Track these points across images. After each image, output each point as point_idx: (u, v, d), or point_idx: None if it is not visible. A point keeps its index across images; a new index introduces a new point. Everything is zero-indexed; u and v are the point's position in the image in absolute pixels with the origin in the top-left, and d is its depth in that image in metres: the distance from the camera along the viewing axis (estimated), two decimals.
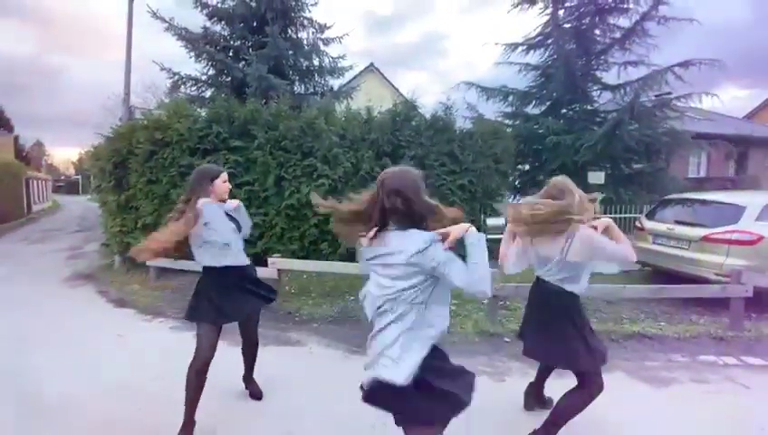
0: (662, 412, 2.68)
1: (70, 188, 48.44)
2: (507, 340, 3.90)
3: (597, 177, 8.13)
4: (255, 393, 2.77)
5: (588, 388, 2.07)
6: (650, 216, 5.96)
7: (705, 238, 4.89)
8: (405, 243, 1.44)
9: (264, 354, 2.94)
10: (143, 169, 5.83)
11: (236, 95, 7.29)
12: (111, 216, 6.21)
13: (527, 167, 9.83)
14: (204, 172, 2.33)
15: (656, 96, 8.31)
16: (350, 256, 5.54)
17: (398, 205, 1.46)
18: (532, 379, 3.12)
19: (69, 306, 5.05)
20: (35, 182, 21.90)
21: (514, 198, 9.89)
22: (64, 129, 59.89)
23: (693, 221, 5.21)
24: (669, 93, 8.14)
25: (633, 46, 8.03)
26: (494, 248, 6.55)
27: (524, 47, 9.59)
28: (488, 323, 4.19)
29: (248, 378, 2.81)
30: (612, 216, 7.37)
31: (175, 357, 2.58)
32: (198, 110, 6.78)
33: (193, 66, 8.43)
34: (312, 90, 9.60)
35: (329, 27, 9.60)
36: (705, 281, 4.61)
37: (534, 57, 9.59)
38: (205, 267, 2.36)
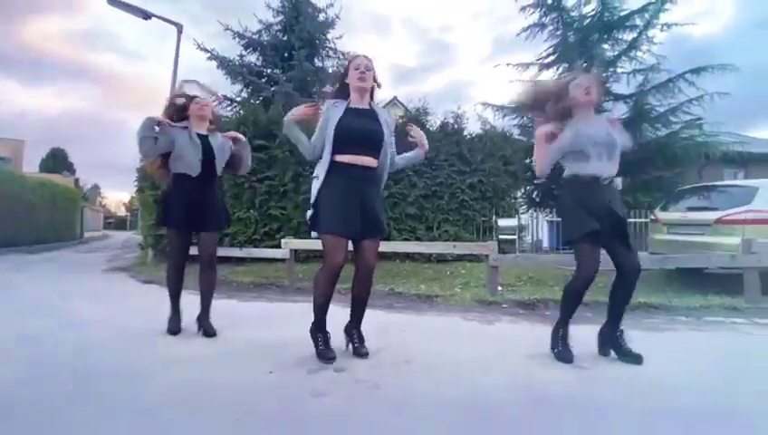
0: (649, 344, 2.64)
1: (118, 224, 52.40)
2: (505, 306, 3.92)
3: (615, 183, 8.07)
4: (209, 331, 2.61)
5: (576, 270, 2.25)
6: (665, 208, 5.86)
7: (719, 221, 4.77)
8: None
9: (263, 306, 3.19)
10: None
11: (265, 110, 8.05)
12: (147, 210, 6.86)
13: (544, 179, 9.87)
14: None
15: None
16: None
17: None
18: (520, 327, 3.18)
19: (104, 283, 5.57)
20: (89, 212, 24.04)
21: (533, 211, 9.89)
22: (121, 175, 66.06)
23: (706, 206, 5.12)
24: (697, 99, 7.93)
25: (640, 56, 8.25)
26: (507, 249, 6.61)
27: (537, 66, 10.01)
28: (487, 295, 4.23)
29: (203, 317, 2.70)
30: (631, 221, 7.25)
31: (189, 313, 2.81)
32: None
33: (229, 89, 9.47)
34: None
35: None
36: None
37: (548, 75, 9.96)
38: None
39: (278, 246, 5.96)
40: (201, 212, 2.61)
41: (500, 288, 4.57)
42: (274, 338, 2.59)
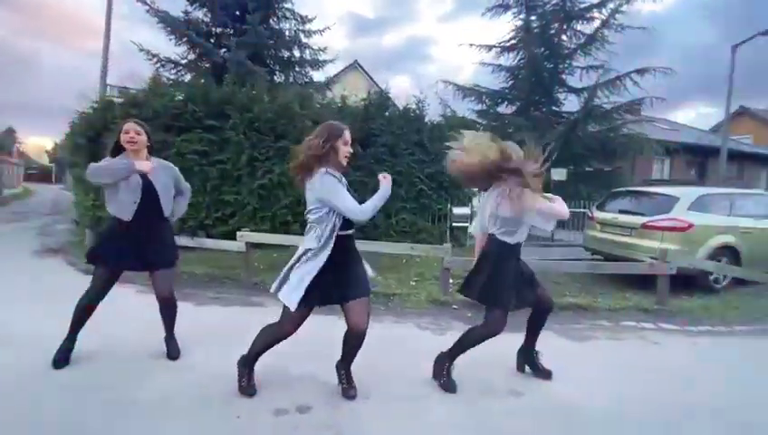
0: (575, 358, 3.05)
1: (43, 176, 46.93)
2: (455, 307, 4.24)
3: (559, 173, 8.61)
4: (172, 353, 2.68)
5: (486, 325, 2.39)
6: (600, 207, 6.43)
7: (644, 226, 5.36)
8: None
9: (222, 312, 3.18)
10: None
11: (215, 80, 7.45)
12: (84, 190, 6.29)
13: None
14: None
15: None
16: None
17: None
18: None
19: (37, 273, 5.14)
20: (6, 167, 21.30)
21: (484, 192, 10.35)
22: (38, 117, 57.71)
23: (634, 210, 5.70)
24: (639, 100, 8.54)
25: (595, 52, 8.59)
26: (459, 236, 6.91)
27: (498, 49, 10.06)
28: (440, 294, 4.52)
29: (167, 338, 2.75)
30: (571, 210, 7.88)
31: (135, 314, 2.76)
32: (175, 92, 6.91)
33: (173, 50, 8.54)
34: (292, 80, 9.81)
35: (311, 20, 9.84)
36: None
37: (507, 59, 10.08)
38: None
39: (232, 233, 5.80)
40: (142, 253, 2.49)
41: (451, 280, 4.89)
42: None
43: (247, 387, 2.23)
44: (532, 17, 9.48)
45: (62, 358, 2.49)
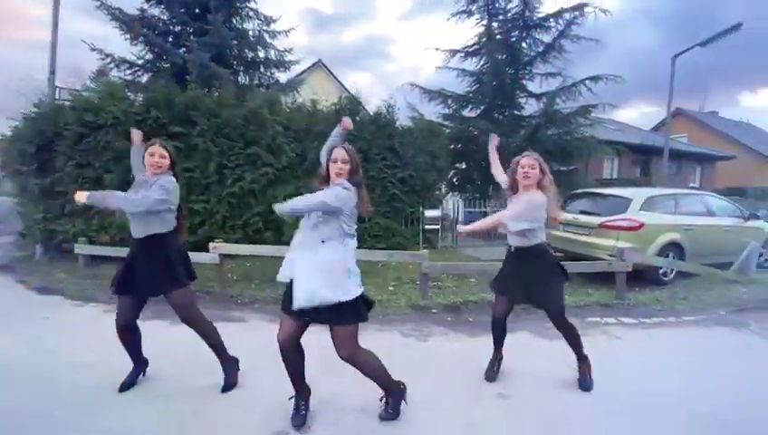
0: (550, 356, 3.27)
1: None
2: (435, 311, 4.38)
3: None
4: (227, 378, 2.62)
5: None
6: (562, 208, 6.83)
7: (601, 225, 5.79)
8: None
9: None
10: (72, 153, 5.55)
11: (176, 82, 7.11)
12: (33, 202, 5.81)
13: (463, 165, 10.61)
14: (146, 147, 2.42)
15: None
16: None
17: None
18: (451, 341, 3.63)
19: None
20: None
21: (451, 193, 10.65)
22: None
23: (592, 211, 6.13)
24: (593, 106, 9.19)
25: (553, 60, 9.10)
26: (431, 238, 7.10)
27: (462, 54, 10.35)
28: (419, 298, 4.64)
29: (221, 363, 2.69)
30: None
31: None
32: (132, 95, 6.52)
33: (128, 49, 8.03)
34: (257, 81, 9.55)
35: (275, 20, 9.61)
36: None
37: (471, 64, 10.40)
38: None
39: (201, 243, 5.61)
40: (134, 275, 2.38)
41: (430, 283, 5.03)
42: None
43: (294, 416, 2.21)
44: (494, 24, 9.84)
45: (128, 381, 2.56)
